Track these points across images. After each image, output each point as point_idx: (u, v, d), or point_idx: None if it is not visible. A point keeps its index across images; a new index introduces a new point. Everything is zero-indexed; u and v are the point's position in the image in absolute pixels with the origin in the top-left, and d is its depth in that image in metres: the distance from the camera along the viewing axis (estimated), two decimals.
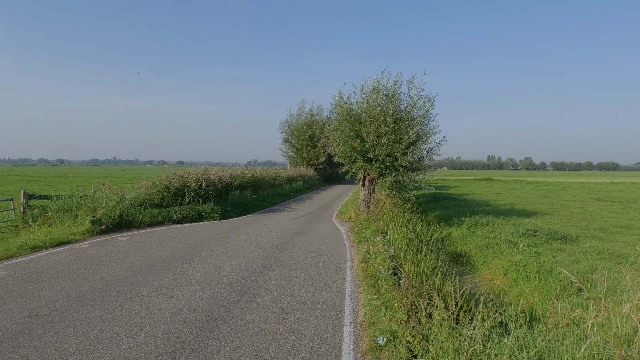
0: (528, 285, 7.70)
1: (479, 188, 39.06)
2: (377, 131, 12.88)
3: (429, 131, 13.22)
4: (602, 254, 9.20)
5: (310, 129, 37.59)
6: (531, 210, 18.74)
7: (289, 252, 8.74)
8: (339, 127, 13.97)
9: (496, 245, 10.67)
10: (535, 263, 8.37)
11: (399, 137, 12.77)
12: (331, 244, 9.82)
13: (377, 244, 8.43)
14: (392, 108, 12.71)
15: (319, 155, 36.59)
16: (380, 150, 12.91)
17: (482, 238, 11.66)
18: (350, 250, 9.21)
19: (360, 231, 10.98)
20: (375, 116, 12.93)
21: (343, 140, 13.80)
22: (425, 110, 13.15)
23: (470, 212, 16.63)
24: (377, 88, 13.12)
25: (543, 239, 10.93)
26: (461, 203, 21.59)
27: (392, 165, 13.01)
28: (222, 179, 16.59)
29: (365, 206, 14.35)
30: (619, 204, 21.83)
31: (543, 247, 10.00)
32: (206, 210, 13.83)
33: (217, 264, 7.60)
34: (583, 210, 18.91)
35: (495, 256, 9.94)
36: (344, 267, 7.66)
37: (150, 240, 9.65)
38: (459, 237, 12.97)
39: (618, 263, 8.44)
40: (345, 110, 13.68)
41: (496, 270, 9.11)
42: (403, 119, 12.96)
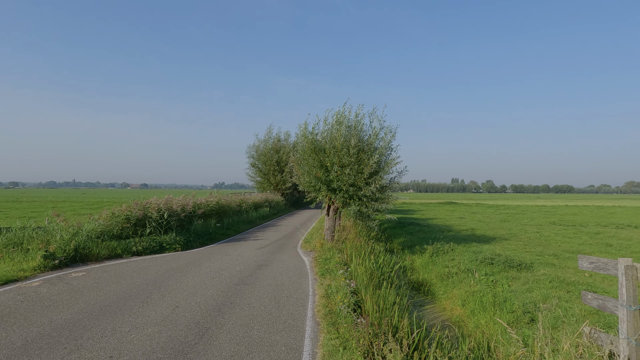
0: (484, 316, 7.94)
1: (442, 212, 40.10)
2: (341, 161, 13.14)
3: (391, 161, 13.63)
4: (553, 282, 9.60)
5: (277, 154, 37.71)
6: (491, 235, 19.38)
7: (251, 287, 8.66)
8: (303, 157, 14.14)
9: (455, 274, 10.96)
10: (490, 294, 8.65)
11: (362, 167, 13.07)
12: (294, 277, 9.80)
13: (339, 278, 8.49)
14: (355, 139, 13.04)
15: (286, 180, 36.64)
16: (344, 180, 13.14)
17: (443, 267, 11.95)
18: (313, 284, 9.22)
19: (324, 262, 11.02)
20: (338, 147, 13.20)
21: (308, 170, 13.95)
22: (387, 141, 13.58)
23: (432, 238, 17.02)
24: (339, 120, 13.45)
25: (500, 267, 11.31)
26: (425, 229, 22.07)
27: (355, 195, 13.25)
28: (185, 208, 16.30)
29: (330, 235, 14.45)
30: (572, 228, 22.96)
31: (500, 276, 10.35)
32: (168, 241, 13.51)
33: (176, 302, 7.42)
34: (539, 234, 19.75)
35: (455, 286, 10.20)
36: (305, 303, 7.65)
37: (106, 276, 9.31)
38: (421, 266, 13.24)
39: (567, 292, 8.86)
40: (310, 141, 13.90)
41: (455, 301, 9.34)
42: (366, 150, 13.31)
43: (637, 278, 3.92)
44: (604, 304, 4.28)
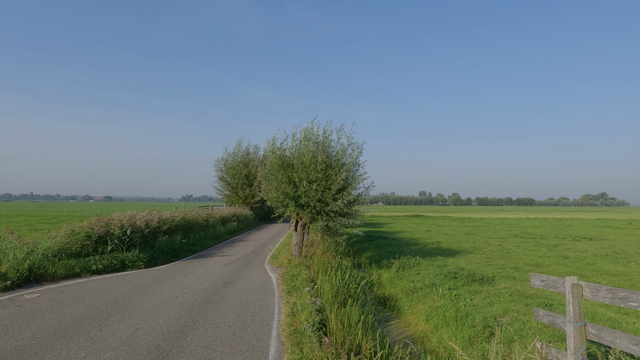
0: (447, 332, 8.10)
1: (410, 225, 40.76)
2: (309, 177, 13.21)
3: (358, 177, 13.84)
4: (513, 296, 9.93)
5: (246, 167, 37.47)
6: (456, 248, 19.84)
7: (216, 307, 8.51)
8: (271, 173, 14.14)
9: (420, 289, 11.15)
10: (453, 308, 8.85)
11: (330, 183, 13.20)
12: (260, 295, 9.71)
13: (305, 295, 8.48)
14: (323, 155, 13.17)
15: (255, 194, 36.37)
16: (311, 196, 13.21)
17: (408, 281, 12.13)
18: (279, 301, 9.16)
19: (290, 279, 10.97)
20: (306, 163, 13.29)
21: (276, 186, 13.95)
22: (355, 157, 13.81)
23: (399, 252, 17.25)
24: (307, 136, 13.58)
25: (463, 280, 11.59)
26: (392, 242, 22.36)
27: (323, 210, 13.33)
28: (149, 224, 15.89)
29: (298, 251, 14.42)
30: (533, 241, 23.83)
31: (463, 290, 10.61)
32: (130, 258, 13.10)
33: (136, 324, 7.19)
34: (501, 247, 20.38)
35: (420, 301, 10.37)
36: (271, 322, 7.59)
37: (62, 297, 8.92)
38: (388, 280, 13.39)
39: (526, 305, 9.18)
40: (278, 157, 13.92)
41: (419, 316, 9.48)
42: (333, 166, 13.46)
43: (582, 295, 4.14)
44: (554, 320, 4.49)
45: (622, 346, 3.79)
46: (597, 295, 4.02)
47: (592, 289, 4.06)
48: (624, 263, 15.01)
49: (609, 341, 3.95)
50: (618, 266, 14.34)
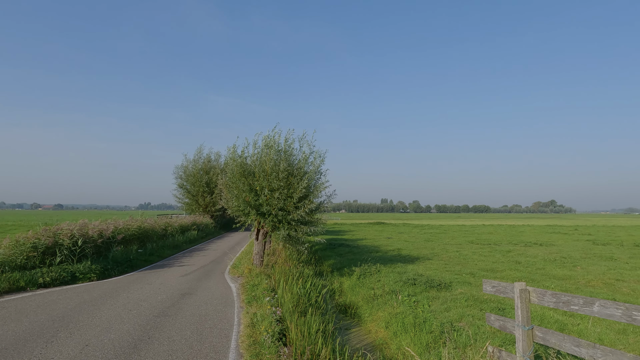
0: (405, 338, 8.24)
1: (372, 232, 41.31)
2: (270, 185, 13.13)
3: (320, 185, 13.90)
4: (469, 301, 10.25)
5: (207, 174, 36.74)
6: (415, 255, 20.29)
7: (172, 319, 8.24)
8: (232, 181, 13.95)
9: (381, 296, 11.29)
10: (412, 315, 9.02)
11: (292, 192, 13.17)
12: (220, 306, 9.49)
13: (265, 305, 8.39)
14: (285, 163, 13.15)
15: (216, 202, 35.69)
16: (273, 204, 13.13)
17: (369, 289, 12.26)
18: (239, 312, 8.99)
19: (251, 289, 10.82)
20: (268, 171, 13.22)
21: (237, 194, 13.76)
22: (317, 165, 13.87)
23: (361, 259, 17.43)
24: (269, 144, 13.53)
25: (422, 287, 11.85)
26: (354, 250, 22.57)
27: (284, 219, 13.27)
28: (103, 233, 15.21)
29: (259, 260, 14.25)
30: (488, 247, 24.77)
31: (421, 296, 10.84)
32: (81, 270, 12.46)
33: (85, 340, 6.84)
34: (458, 254, 21.03)
35: (380, 308, 10.50)
36: (230, 333, 7.44)
37: (4, 314, 8.35)
38: (349, 288, 13.47)
39: (480, 310, 9.51)
40: (239, 164, 13.77)
41: (379, 323, 9.59)
42: (295, 174, 13.45)
43: (529, 300, 4.35)
44: (504, 324, 4.68)
45: (565, 348, 4.01)
46: (543, 300, 4.23)
47: (539, 294, 4.27)
48: (571, 267, 15.88)
49: (554, 343, 4.16)
50: (565, 270, 15.16)
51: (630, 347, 6.98)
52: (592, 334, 7.60)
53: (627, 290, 11.51)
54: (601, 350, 3.63)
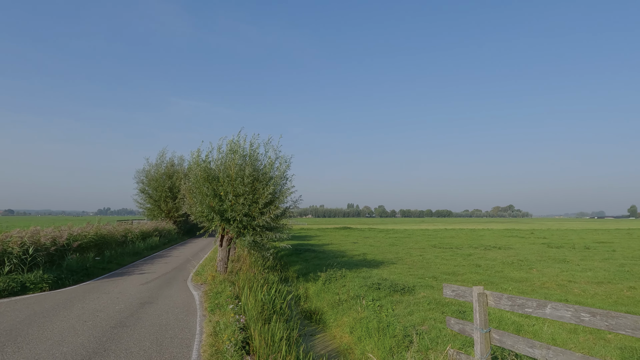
0: (369, 343, 8.30)
1: (338, 237, 41.52)
2: (235, 191, 12.95)
3: (286, 191, 13.83)
4: (431, 304, 10.46)
5: (170, 179, 35.81)
6: (380, 259, 20.54)
7: (131, 330, 7.93)
8: (196, 186, 13.65)
9: (345, 301, 11.34)
10: (376, 319, 9.11)
11: (257, 197, 13.03)
12: (181, 315, 9.23)
13: (229, 313, 8.23)
14: (250, 168, 13.00)
15: (179, 207, 34.82)
16: (238, 210, 12.93)
17: (334, 294, 12.29)
18: (201, 321, 8.78)
19: (214, 297, 10.59)
20: (233, 176, 13.03)
21: (200, 200, 13.47)
22: (282, 171, 13.79)
23: (327, 265, 17.46)
24: (234, 149, 13.35)
25: (386, 291, 12.00)
26: (320, 255, 22.59)
27: (249, 225, 13.10)
28: (56, 241, 14.49)
29: (223, 267, 13.99)
30: (450, 251, 25.43)
31: (385, 300, 10.97)
32: (32, 280, 11.80)
33: (35, 354, 6.46)
34: (422, 257, 21.47)
35: (345, 313, 10.53)
36: (191, 343, 7.24)
37: None
38: (315, 294, 13.45)
39: (442, 313, 9.72)
40: (203, 169, 13.49)
41: (344, 328, 9.63)
42: (261, 179, 13.33)
43: (487, 303, 4.49)
44: (464, 327, 4.80)
45: (520, 349, 4.16)
46: (499, 303, 4.38)
47: (495, 297, 4.41)
48: (527, 270, 16.54)
49: (510, 345, 4.31)
50: (522, 273, 15.78)
51: (580, 345, 7.33)
52: (546, 334, 7.93)
53: (578, 291, 12.10)
54: (553, 351, 3.79)
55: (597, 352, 6.91)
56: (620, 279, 14.06)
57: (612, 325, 3.32)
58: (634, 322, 3.17)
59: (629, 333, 3.20)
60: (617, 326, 3.29)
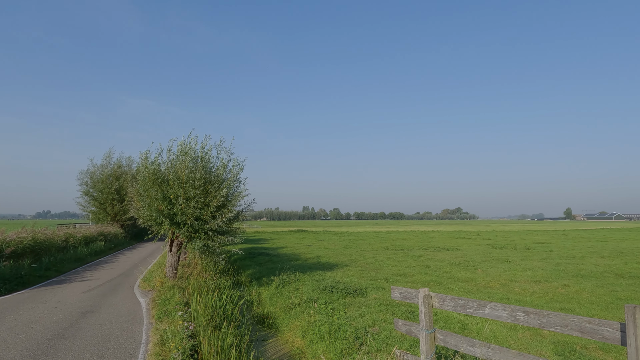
0: (321, 346, 8.34)
1: (292, 240, 41.44)
2: (186, 194, 12.60)
3: (239, 194, 13.64)
4: (382, 306, 10.68)
5: (117, 181, 34.21)
6: (334, 262, 20.72)
7: (70, 342, 7.48)
8: (144, 189, 13.14)
9: (298, 305, 11.33)
10: (327, 322, 9.17)
11: (209, 200, 12.75)
12: (126, 324, 8.83)
13: (177, 320, 7.98)
14: (201, 171, 12.70)
15: (126, 211, 33.32)
16: (188, 214, 12.59)
17: (287, 298, 12.25)
18: (148, 329, 8.44)
19: (162, 304, 10.23)
20: (183, 178, 12.67)
21: (149, 203, 12.98)
22: (235, 173, 13.60)
23: (280, 268, 17.36)
24: (185, 151, 13.00)
25: (339, 294, 12.11)
26: (274, 258, 22.44)
27: (201, 229, 12.79)
28: None
29: (172, 272, 13.54)
30: (401, 252, 26.10)
31: (338, 303, 11.07)
32: None
33: None
34: (374, 259, 21.88)
35: (297, 317, 10.52)
36: (136, 353, 6.94)
37: None
38: (268, 298, 13.33)
39: (392, 314, 9.95)
40: (152, 171, 13.02)
41: (296, 332, 9.60)
42: (213, 182, 13.06)
43: (432, 305, 4.65)
44: (410, 329, 4.95)
45: (462, 348, 4.34)
46: (443, 304, 4.55)
47: (440, 299, 4.58)
48: (473, 270, 17.31)
49: (453, 344, 4.49)
50: (468, 273, 16.49)
51: (519, 341, 7.76)
52: (489, 332, 8.33)
53: (519, 290, 12.81)
54: (491, 349, 4.00)
55: (534, 348, 7.35)
56: (555, 277, 15.04)
57: (543, 323, 3.54)
58: (562, 320, 3.40)
59: (558, 330, 3.43)
60: (547, 324, 3.51)
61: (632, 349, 2.90)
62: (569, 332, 3.34)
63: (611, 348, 7.20)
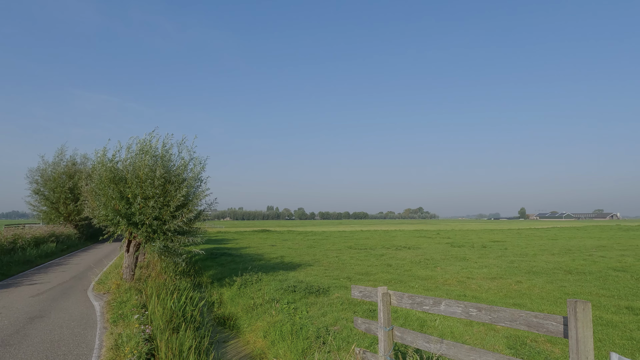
0: (283, 346, 8.31)
1: (256, 240, 41.08)
2: (145, 193, 12.21)
3: (200, 193, 13.37)
4: (344, 304, 10.79)
5: (71, 179, 32.64)
6: (298, 262, 20.71)
7: (15, 349, 7.07)
8: (100, 187, 12.62)
9: (260, 305, 11.24)
10: (289, 322, 9.15)
11: (169, 200, 12.43)
12: (78, 329, 8.45)
13: (133, 324, 7.72)
14: (162, 169, 12.36)
15: (81, 210, 31.86)
16: (147, 214, 12.21)
17: (249, 298, 12.13)
18: (101, 334, 8.11)
19: (118, 307, 9.86)
20: (142, 177, 12.27)
21: (105, 202, 12.47)
22: (197, 172, 13.33)
23: (243, 269, 17.17)
24: (145, 149, 12.59)
25: (301, 293, 12.11)
26: (237, 259, 22.16)
27: (160, 229, 12.44)
28: None
29: (130, 274, 13.09)
30: (364, 252, 26.45)
31: (300, 303, 11.08)
32: None
33: None
34: (338, 259, 22.06)
35: (259, 317, 10.44)
36: (88, 358, 6.66)
37: None
38: (229, 299, 13.15)
39: (354, 312, 10.07)
40: (109, 169, 12.53)
41: (258, 333, 9.53)
42: (173, 181, 12.74)
43: (390, 303, 4.75)
44: (369, 327, 5.03)
45: (419, 344, 4.46)
46: (401, 302, 4.65)
47: (398, 296, 4.69)
48: (432, 268, 17.80)
49: (410, 341, 4.60)
50: (428, 271, 16.94)
51: (474, 336, 8.05)
52: (446, 328, 8.59)
53: (475, 287, 13.29)
54: (445, 344, 4.13)
55: (488, 342, 7.65)
56: (509, 274, 15.72)
57: (494, 319, 3.69)
58: (511, 315, 3.56)
59: (508, 325, 3.59)
60: (498, 319, 3.67)
61: (572, 340, 3.08)
62: (517, 327, 3.50)
63: (558, 340, 7.61)
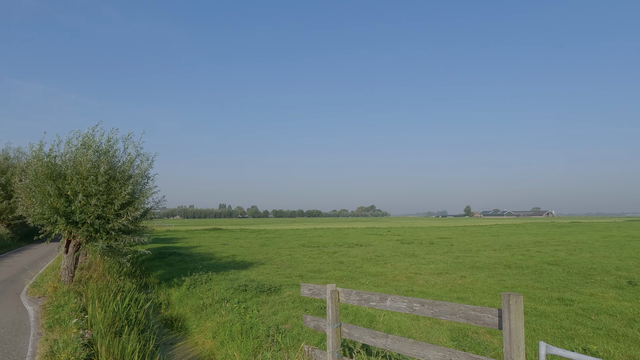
0: (232, 346, 8.20)
1: (207, 239, 40.14)
2: (86, 190, 11.55)
3: (147, 190, 12.86)
4: (295, 303, 10.79)
5: (4, 175, 30.29)
6: (250, 260, 20.47)
7: None
8: (36, 184, 11.78)
9: (210, 305, 11.02)
10: (239, 322, 9.04)
11: (113, 197, 11.84)
12: (8, 336, 7.86)
13: (71, 329, 7.30)
14: (106, 165, 11.74)
15: (14, 208, 29.61)
16: (89, 212, 11.56)
17: (198, 299, 11.85)
18: (35, 340, 7.59)
19: (55, 311, 9.27)
20: (84, 173, 11.60)
21: (41, 200, 11.66)
22: (144, 169, 12.80)
23: (193, 268, 16.71)
24: (87, 143, 11.91)
25: (252, 292, 11.98)
26: (186, 258, 21.55)
27: (102, 228, 11.82)
28: None
29: (69, 276, 12.34)
30: (317, 249, 26.60)
31: (251, 302, 10.96)
32: None
33: None
34: (290, 257, 22.04)
35: (208, 318, 10.23)
36: None
37: None
38: (178, 299, 12.79)
39: (305, 310, 10.11)
40: (46, 165, 11.72)
41: (207, 333, 9.34)
42: (118, 178, 12.14)
43: (338, 300, 4.81)
44: (318, 324, 5.07)
45: (365, 340, 4.56)
46: (349, 299, 4.73)
47: (346, 293, 4.76)
48: (383, 264, 18.23)
49: (357, 337, 4.69)
50: (378, 267, 17.33)
51: (420, 330, 8.35)
52: (394, 322, 8.84)
53: (423, 282, 13.76)
54: (391, 339, 4.25)
55: (433, 335, 7.96)
56: (454, 269, 16.43)
57: (436, 312, 3.85)
58: (451, 309, 3.72)
59: (449, 318, 3.75)
60: (440, 313, 3.82)
61: (506, 332, 3.27)
62: (457, 320, 3.66)
63: (497, 332, 8.06)
